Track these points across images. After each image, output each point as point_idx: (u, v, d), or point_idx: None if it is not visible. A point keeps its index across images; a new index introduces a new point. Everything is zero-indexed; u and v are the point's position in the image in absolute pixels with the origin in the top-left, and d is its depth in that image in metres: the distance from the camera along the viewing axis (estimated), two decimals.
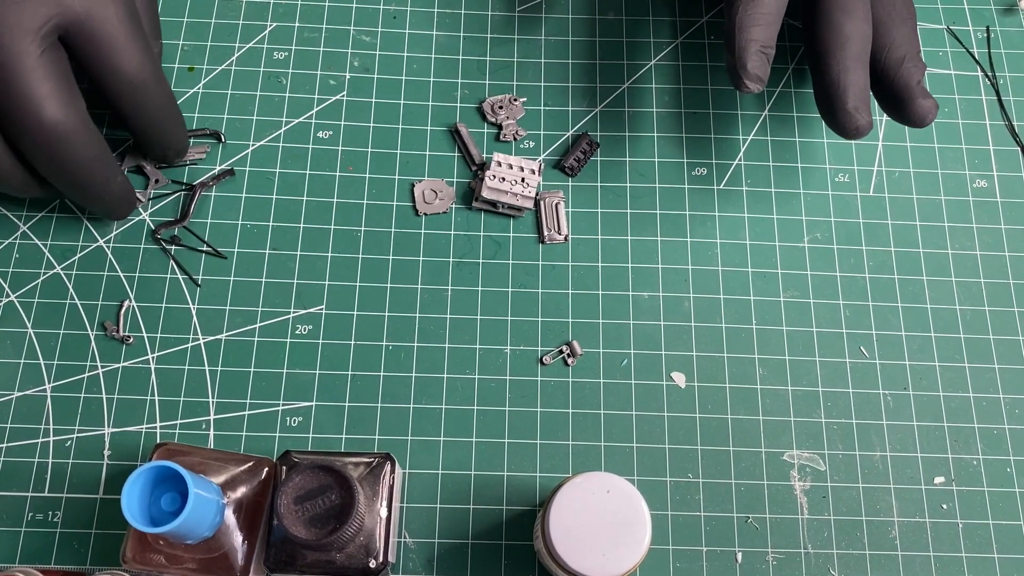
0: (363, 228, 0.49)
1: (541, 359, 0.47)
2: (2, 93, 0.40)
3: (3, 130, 0.42)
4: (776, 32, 0.44)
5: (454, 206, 0.50)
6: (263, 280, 0.48)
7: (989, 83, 0.53)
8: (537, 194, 0.50)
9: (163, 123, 0.47)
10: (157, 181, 0.50)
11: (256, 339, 0.47)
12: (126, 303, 0.47)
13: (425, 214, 0.50)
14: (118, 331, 0.46)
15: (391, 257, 0.49)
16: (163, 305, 0.47)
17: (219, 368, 0.46)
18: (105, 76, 0.43)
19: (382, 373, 0.47)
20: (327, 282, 0.48)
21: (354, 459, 0.40)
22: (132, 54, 0.43)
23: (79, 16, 0.42)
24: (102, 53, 0.43)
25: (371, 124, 0.52)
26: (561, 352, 0.47)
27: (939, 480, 0.45)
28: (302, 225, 0.49)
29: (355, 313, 0.47)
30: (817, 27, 0.46)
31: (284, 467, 0.40)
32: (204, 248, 0.49)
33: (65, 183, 0.44)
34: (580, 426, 0.46)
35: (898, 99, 0.45)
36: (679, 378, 0.47)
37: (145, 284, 0.48)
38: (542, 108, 0.52)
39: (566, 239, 0.49)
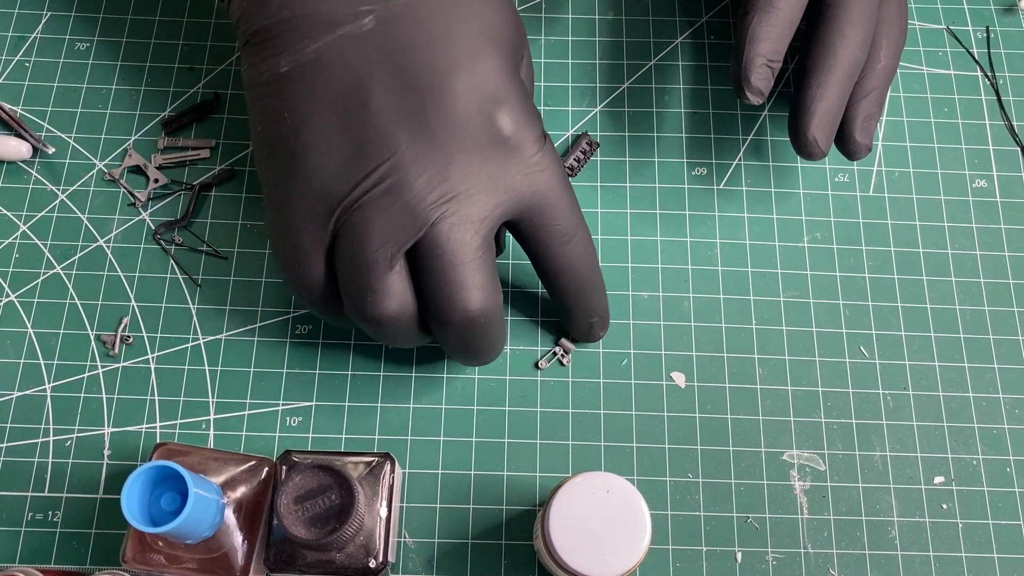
0: None
1: (537, 363, 0.47)
2: (440, 283, 0.39)
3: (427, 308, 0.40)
4: (786, 45, 0.44)
5: None
6: (263, 280, 0.48)
7: (989, 83, 0.53)
8: None
9: (594, 292, 0.44)
10: (157, 181, 0.50)
11: (256, 339, 0.47)
12: (124, 320, 0.47)
13: None
14: (113, 348, 0.46)
15: None
16: (163, 305, 0.47)
17: (219, 368, 0.46)
18: (549, 257, 0.42)
19: (382, 373, 0.46)
20: None
21: (354, 459, 0.40)
22: (577, 232, 0.42)
23: (525, 201, 0.40)
24: (548, 236, 0.41)
25: None
26: (555, 354, 0.47)
27: (939, 480, 0.45)
28: None
29: None
30: (812, 43, 0.45)
31: (284, 467, 0.40)
32: (204, 248, 0.49)
33: (463, 355, 0.43)
34: (580, 426, 0.46)
35: (844, 125, 0.46)
36: (679, 378, 0.47)
37: (145, 284, 0.48)
38: (542, 108, 0.52)
39: None
